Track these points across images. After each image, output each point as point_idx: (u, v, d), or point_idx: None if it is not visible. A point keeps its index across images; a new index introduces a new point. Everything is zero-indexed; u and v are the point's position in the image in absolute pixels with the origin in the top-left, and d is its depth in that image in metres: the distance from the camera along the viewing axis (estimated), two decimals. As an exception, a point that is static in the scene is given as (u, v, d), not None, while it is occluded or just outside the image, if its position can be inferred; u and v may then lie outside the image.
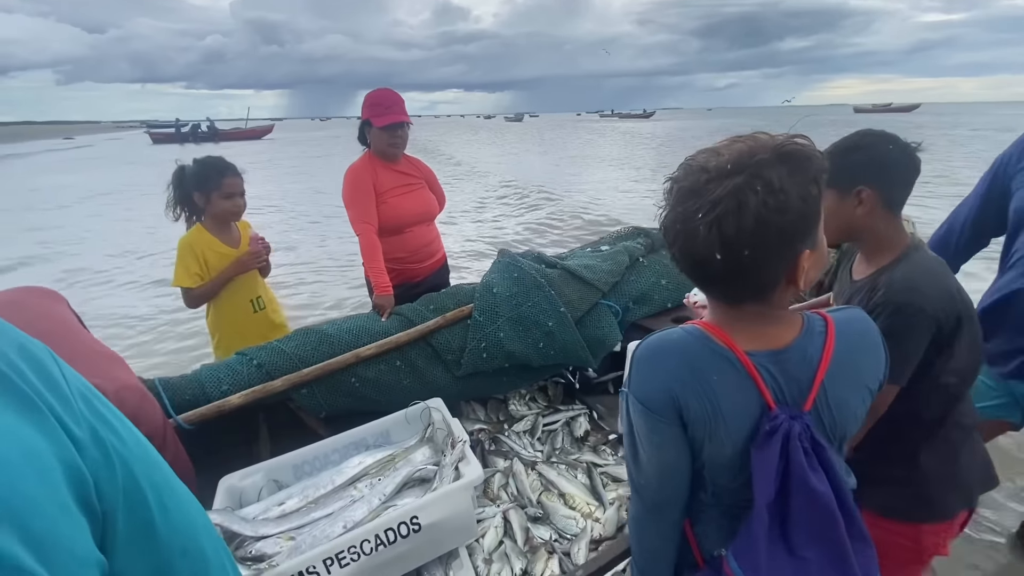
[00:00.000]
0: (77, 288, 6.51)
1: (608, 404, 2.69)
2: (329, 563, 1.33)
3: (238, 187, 2.28)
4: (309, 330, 2.06)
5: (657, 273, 2.60)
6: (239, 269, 2.33)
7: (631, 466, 0.90)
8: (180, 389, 1.82)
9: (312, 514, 1.57)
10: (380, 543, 1.38)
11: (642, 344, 0.87)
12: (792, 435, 0.78)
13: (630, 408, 0.85)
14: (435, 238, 2.78)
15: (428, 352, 2.15)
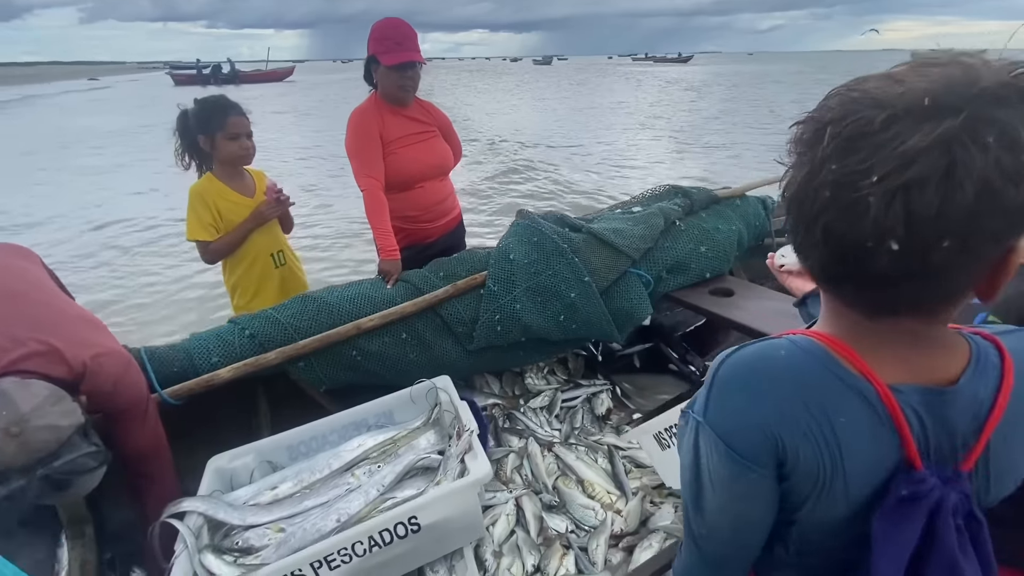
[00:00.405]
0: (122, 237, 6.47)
1: (634, 380, 2.49)
2: (317, 566, 1.20)
3: (243, 127, 2.06)
4: (306, 297, 1.88)
5: (695, 239, 2.31)
6: (258, 220, 2.13)
7: (690, 509, 0.68)
8: (167, 360, 1.68)
9: (305, 502, 1.44)
10: (375, 544, 1.24)
11: (732, 359, 0.62)
12: (944, 508, 0.55)
13: (702, 443, 0.62)
14: (449, 194, 2.52)
15: (437, 324, 1.96)
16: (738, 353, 0.62)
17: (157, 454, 1.48)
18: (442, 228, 2.48)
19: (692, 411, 0.64)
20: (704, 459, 0.62)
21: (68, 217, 7.40)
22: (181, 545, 1.25)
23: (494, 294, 1.97)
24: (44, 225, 7.05)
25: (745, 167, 9.16)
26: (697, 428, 0.62)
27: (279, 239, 2.29)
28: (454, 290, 1.96)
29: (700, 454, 0.63)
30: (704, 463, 0.62)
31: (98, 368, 1.27)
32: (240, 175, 2.18)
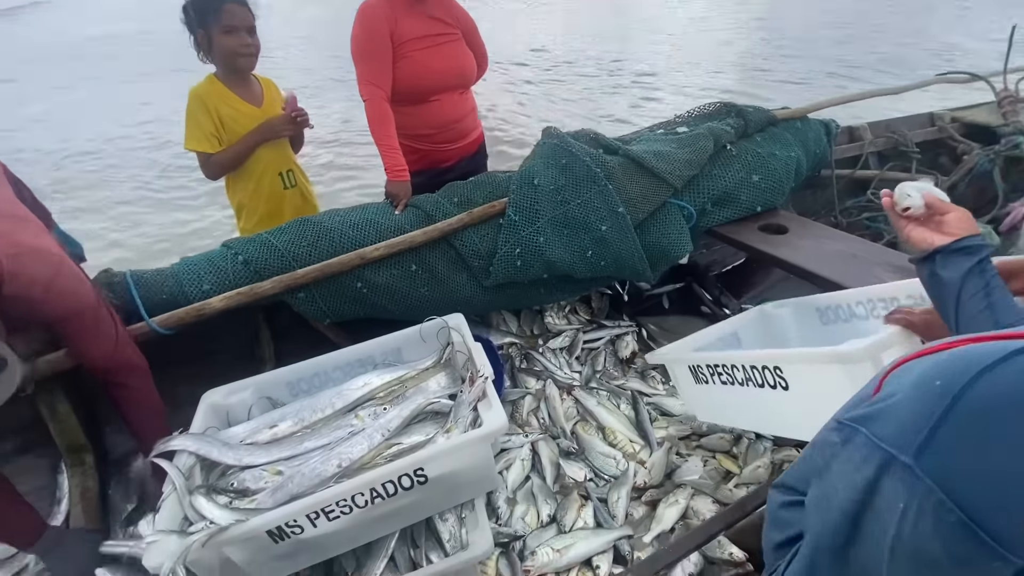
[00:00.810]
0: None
1: (662, 322, 2.30)
2: (314, 517, 1.10)
3: (242, 18, 1.76)
4: (305, 221, 1.69)
5: (748, 166, 2.01)
6: (267, 134, 1.89)
7: (815, 553, 0.50)
8: (155, 286, 1.53)
9: (306, 443, 1.33)
10: (377, 496, 1.13)
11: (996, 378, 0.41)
12: None
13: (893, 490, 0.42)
14: (470, 111, 2.21)
15: (450, 256, 1.76)
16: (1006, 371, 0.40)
17: (128, 367, 1.35)
18: (460, 151, 2.20)
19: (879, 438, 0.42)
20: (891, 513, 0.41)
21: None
22: (170, 487, 1.15)
23: (515, 224, 1.75)
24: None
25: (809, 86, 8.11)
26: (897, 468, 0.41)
27: (288, 157, 2.05)
28: (470, 218, 1.74)
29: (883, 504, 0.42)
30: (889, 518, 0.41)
31: (18, 269, 1.09)
32: (245, 80, 1.91)
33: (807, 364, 1.15)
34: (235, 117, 1.87)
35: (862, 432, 0.44)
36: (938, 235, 0.88)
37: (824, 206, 2.59)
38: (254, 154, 1.91)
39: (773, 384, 1.23)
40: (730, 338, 1.69)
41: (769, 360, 1.23)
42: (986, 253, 0.82)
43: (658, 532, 1.42)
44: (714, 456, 1.67)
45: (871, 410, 0.48)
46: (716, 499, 1.51)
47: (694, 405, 1.64)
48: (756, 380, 1.28)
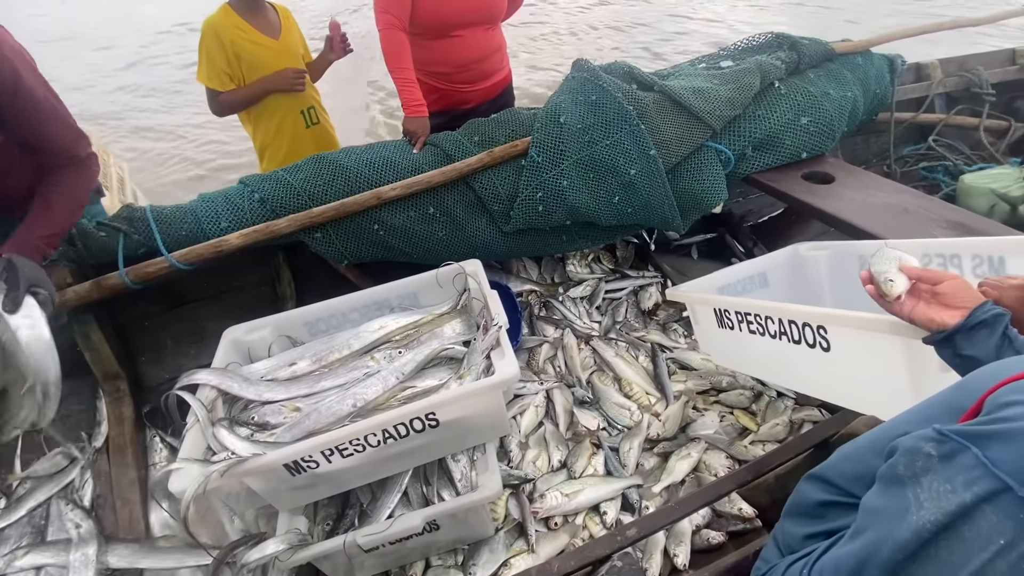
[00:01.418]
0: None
1: (689, 273, 2.21)
2: (328, 453, 1.12)
3: None
4: (320, 159, 1.63)
5: (797, 107, 1.83)
6: (280, 86, 1.84)
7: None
8: (174, 222, 1.53)
9: (323, 382, 1.36)
10: (390, 436, 1.15)
11: None
12: None
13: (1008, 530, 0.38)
14: (497, 49, 2.04)
15: (469, 198, 1.70)
16: None
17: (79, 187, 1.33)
18: (482, 93, 2.06)
19: (993, 462, 0.37)
20: (975, 544, 0.38)
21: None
22: (192, 418, 1.20)
23: (538, 166, 1.66)
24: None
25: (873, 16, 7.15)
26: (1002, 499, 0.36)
27: (309, 94, 1.98)
28: (490, 158, 1.66)
29: (965, 533, 0.38)
30: (969, 554, 0.38)
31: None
32: (260, 8, 1.82)
33: (859, 329, 1.06)
34: (251, 50, 1.79)
35: (972, 451, 0.40)
36: (944, 311, 0.80)
37: (877, 154, 2.39)
38: (274, 94, 1.86)
39: (812, 343, 1.16)
40: (758, 278, 1.60)
41: (813, 318, 1.14)
42: (1005, 320, 0.75)
43: (668, 483, 1.43)
44: (732, 412, 1.64)
45: (986, 429, 0.42)
46: (730, 454, 1.49)
47: (712, 347, 1.58)
48: (792, 336, 1.21)
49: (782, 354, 1.26)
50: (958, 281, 0.82)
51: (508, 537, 1.33)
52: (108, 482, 1.53)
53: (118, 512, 1.49)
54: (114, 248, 1.51)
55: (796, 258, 1.61)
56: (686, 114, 1.70)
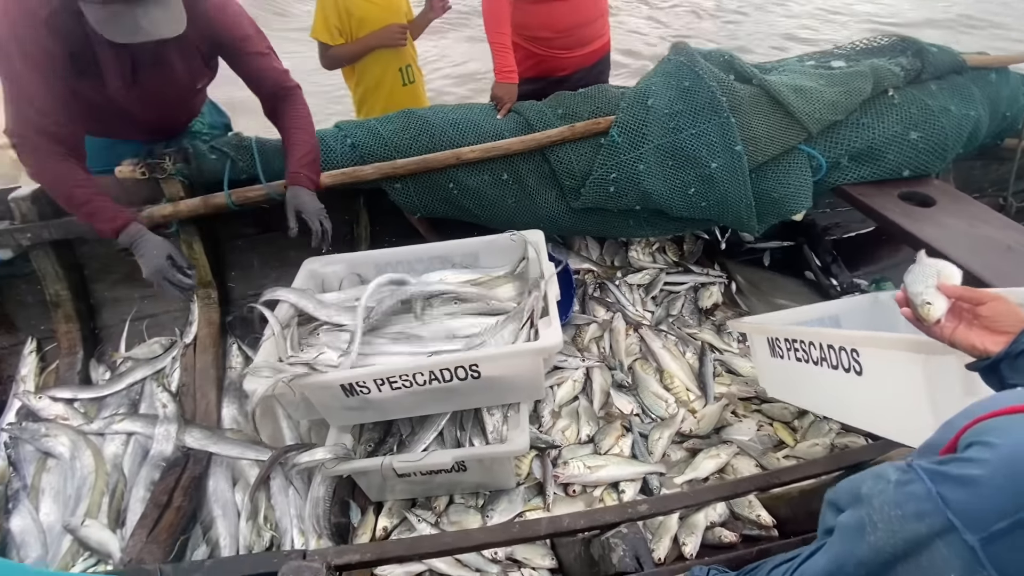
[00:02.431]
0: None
1: (756, 278, 2.15)
2: (379, 383, 1.24)
3: None
4: (410, 114, 1.72)
5: (908, 120, 1.70)
6: (384, 42, 1.95)
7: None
8: (276, 154, 1.68)
9: (384, 321, 1.48)
10: (435, 378, 1.24)
11: None
12: None
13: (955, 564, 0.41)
14: (599, 16, 2.01)
15: (543, 170, 1.73)
16: None
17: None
18: (579, 60, 2.05)
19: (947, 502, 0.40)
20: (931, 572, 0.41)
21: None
22: (268, 331, 1.35)
23: (617, 147, 1.66)
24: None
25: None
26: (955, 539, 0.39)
27: (409, 50, 2.07)
28: (571, 133, 1.67)
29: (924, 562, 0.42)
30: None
31: None
32: None
33: (882, 349, 1.05)
34: (361, 7, 1.93)
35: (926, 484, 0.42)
36: (988, 336, 0.75)
37: (995, 183, 2.16)
38: (377, 51, 1.96)
39: (847, 367, 1.14)
40: (829, 322, 1.55)
41: (847, 341, 1.13)
42: None
43: (691, 478, 1.44)
44: (771, 423, 1.61)
45: (946, 469, 0.44)
46: (760, 464, 1.48)
47: (766, 379, 1.57)
48: (831, 361, 1.19)
49: (824, 381, 1.24)
50: (1001, 303, 0.77)
51: (527, 493, 1.41)
52: (192, 374, 1.76)
53: (197, 401, 1.71)
54: (221, 171, 1.68)
55: (876, 305, 1.54)
56: (782, 112, 1.63)
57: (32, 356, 1.78)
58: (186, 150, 1.68)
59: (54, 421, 1.59)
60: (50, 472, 1.50)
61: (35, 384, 1.74)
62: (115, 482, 1.49)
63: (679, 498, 1.07)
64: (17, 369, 1.75)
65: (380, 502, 1.43)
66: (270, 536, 1.40)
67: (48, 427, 1.56)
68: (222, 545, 1.39)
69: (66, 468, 1.50)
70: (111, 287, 1.89)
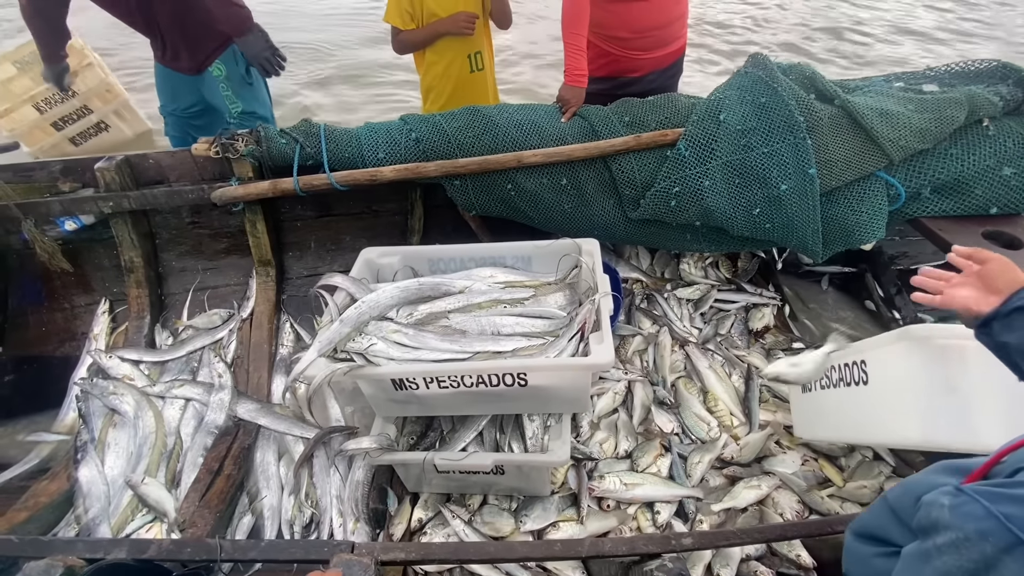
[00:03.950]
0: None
1: (813, 302, 2.06)
2: (428, 380, 1.26)
3: None
4: (475, 112, 1.72)
5: (1002, 153, 1.58)
6: (451, 29, 1.96)
7: None
8: (340, 143, 1.72)
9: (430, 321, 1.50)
10: (482, 382, 1.26)
11: None
12: None
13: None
14: (679, 17, 1.96)
15: (604, 178, 1.70)
16: None
17: None
18: (654, 62, 2.00)
19: (1008, 518, 0.42)
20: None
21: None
22: (327, 316, 1.39)
23: (683, 160, 1.61)
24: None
25: None
26: (1018, 551, 0.41)
27: (479, 38, 2.06)
28: (636, 143, 1.64)
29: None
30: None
31: None
32: None
33: (878, 348, 1.13)
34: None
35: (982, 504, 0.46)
36: (984, 296, 0.78)
37: None
38: (446, 37, 1.97)
39: (858, 380, 1.18)
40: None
41: (856, 354, 1.18)
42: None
43: (729, 506, 1.42)
44: (817, 459, 1.56)
45: (1003, 491, 0.47)
46: (802, 500, 1.44)
47: (799, 420, 1.54)
48: (846, 378, 1.22)
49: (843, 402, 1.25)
50: (999, 263, 0.81)
51: (561, 502, 1.42)
52: (247, 348, 1.84)
53: (250, 375, 1.79)
54: (289, 155, 1.73)
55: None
56: (863, 137, 1.54)
57: (104, 316, 1.90)
58: (258, 132, 1.74)
59: (121, 380, 1.70)
60: (116, 428, 1.60)
61: (106, 343, 1.86)
62: (172, 444, 1.59)
63: (723, 536, 1.05)
64: (91, 327, 1.88)
65: (416, 493, 1.47)
66: (310, 513, 1.46)
67: (116, 385, 1.67)
68: (266, 516, 1.46)
69: (130, 426, 1.60)
70: (179, 257, 1.99)
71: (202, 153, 1.74)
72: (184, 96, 2.07)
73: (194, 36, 1.92)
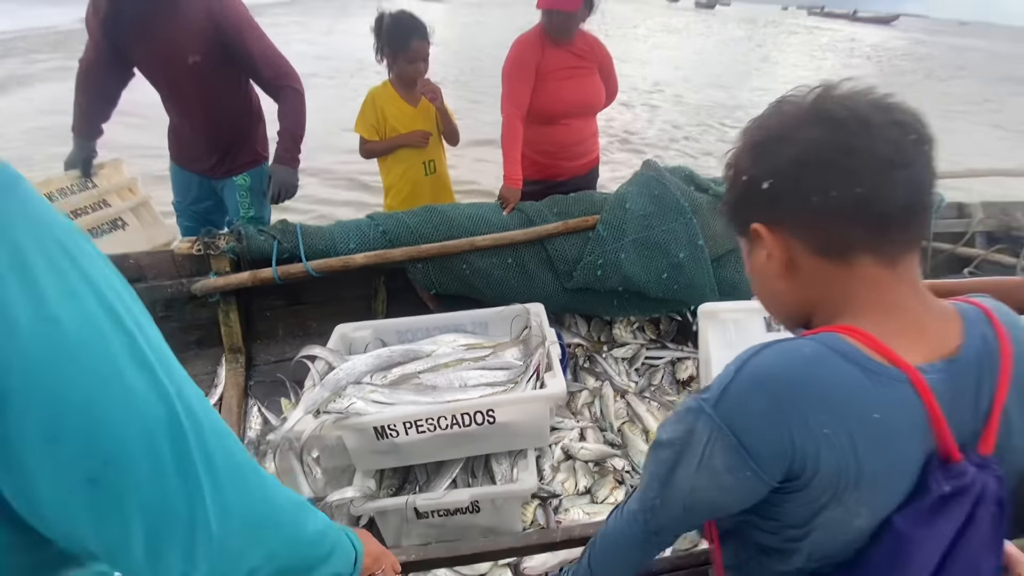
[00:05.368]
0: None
1: (723, 355, 2.44)
2: (408, 426, 1.43)
3: (423, 52, 2.26)
4: (433, 209, 2.08)
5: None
6: (409, 141, 2.38)
7: (654, 478, 0.67)
8: (315, 238, 1.98)
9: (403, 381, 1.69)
10: (455, 423, 1.44)
11: (758, 359, 0.58)
12: (986, 498, 0.53)
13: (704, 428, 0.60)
14: (591, 135, 2.50)
15: (542, 256, 2.07)
16: (764, 353, 0.59)
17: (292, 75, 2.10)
18: (576, 168, 2.50)
19: (704, 399, 0.61)
20: (699, 443, 0.60)
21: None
22: (310, 381, 1.55)
23: (602, 239, 2.02)
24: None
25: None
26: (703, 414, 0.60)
27: (432, 149, 2.48)
28: (564, 227, 2.04)
29: (695, 438, 0.61)
30: (697, 446, 0.61)
31: None
32: (409, 85, 2.38)
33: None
34: (395, 115, 2.34)
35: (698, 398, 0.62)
36: None
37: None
38: (404, 148, 2.38)
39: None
40: None
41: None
42: None
43: (678, 525, 1.60)
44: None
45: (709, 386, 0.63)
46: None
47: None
48: None
49: None
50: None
51: (532, 538, 1.54)
52: (216, 432, 1.89)
53: (219, 458, 1.82)
54: (267, 250, 1.96)
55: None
56: (732, 216, 2.03)
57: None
58: (239, 231, 1.97)
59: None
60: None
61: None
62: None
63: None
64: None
65: (396, 546, 1.54)
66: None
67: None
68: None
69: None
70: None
71: (184, 251, 1.93)
72: (198, 193, 2.32)
73: (233, 148, 2.21)
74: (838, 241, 0.58)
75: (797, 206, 0.59)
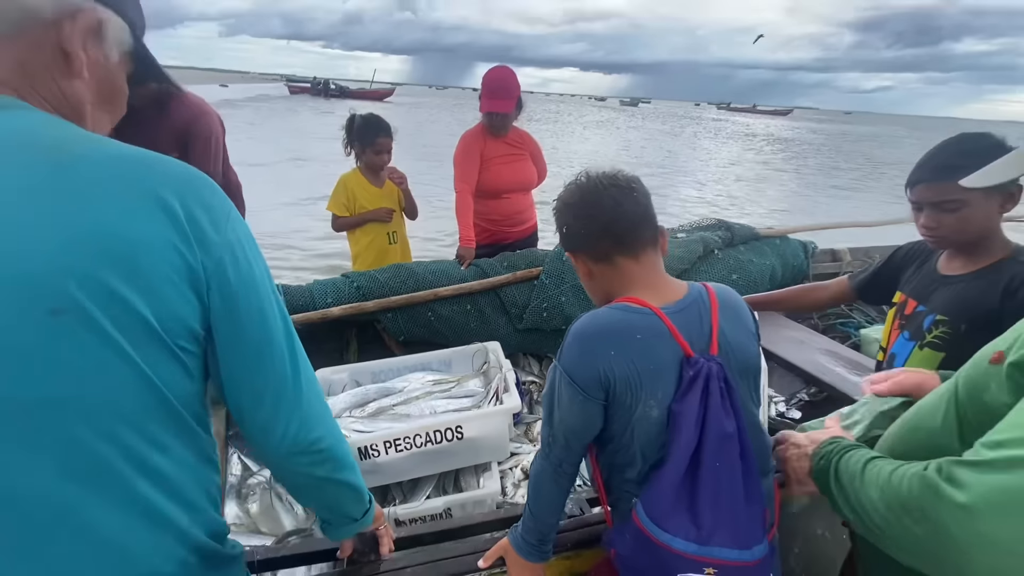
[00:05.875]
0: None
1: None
2: (388, 446, 1.65)
3: (387, 146, 2.76)
4: (401, 266, 2.41)
5: (729, 267, 2.63)
6: (375, 217, 2.82)
7: (544, 424, 1.01)
8: (295, 296, 2.24)
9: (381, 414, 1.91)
10: (429, 441, 1.68)
11: (578, 324, 0.95)
12: (712, 376, 0.88)
13: (558, 377, 0.95)
14: (528, 207, 3.03)
15: (496, 303, 2.41)
16: (581, 319, 0.96)
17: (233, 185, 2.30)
18: (518, 233, 3.00)
19: (556, 358, 0.98)
20: (557, 388, 0.96)
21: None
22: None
23: (545, 286, 2.40)
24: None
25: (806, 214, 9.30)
26: (555, 368, 0.97)
27: (396, 223, 2.91)
28: (513, 278, 2.41)
29: (555, 385, 0.96)
30: (556, 391, 0.97)
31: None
32: (376, 172, 2.84)
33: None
34: (363, 195, 2.76)
35: (556, 361, 0.98)
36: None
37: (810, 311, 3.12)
38: (371, 223, 2.77)
39: None
40: None
41: None
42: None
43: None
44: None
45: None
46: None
47: None
48: None
49: None
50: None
51: (500, 543, 1.74)
52: (197, 480, 1.99)
53: (200, 503, 1.92)
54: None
55: None
56: (649, 263, 2.49)
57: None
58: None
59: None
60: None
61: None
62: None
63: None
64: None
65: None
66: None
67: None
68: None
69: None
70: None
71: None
72: None
73: None
74: (603, 252, 0.99)
75: (579, 238, 1.02)
